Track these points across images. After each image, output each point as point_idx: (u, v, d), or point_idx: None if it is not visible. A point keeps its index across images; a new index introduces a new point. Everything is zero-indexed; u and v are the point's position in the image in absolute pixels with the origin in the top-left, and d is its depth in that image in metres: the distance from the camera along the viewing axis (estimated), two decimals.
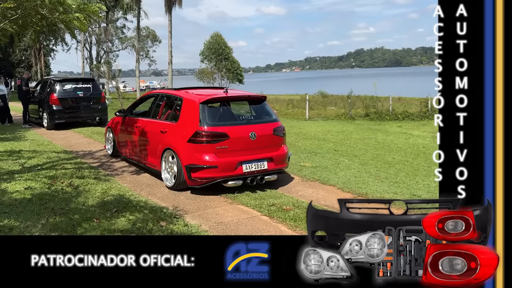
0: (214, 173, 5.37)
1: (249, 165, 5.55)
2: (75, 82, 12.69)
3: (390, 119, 14.88)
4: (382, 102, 16.23)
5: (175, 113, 6.12)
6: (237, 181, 5.47)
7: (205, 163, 5.34)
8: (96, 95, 12.69)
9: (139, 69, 32.06)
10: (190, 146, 5.43)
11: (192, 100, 5.76)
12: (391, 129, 12.18)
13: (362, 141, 9.91)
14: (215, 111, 5.81)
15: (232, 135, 5.47)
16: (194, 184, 5.47)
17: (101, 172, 6.63)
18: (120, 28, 43.45)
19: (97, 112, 12.73)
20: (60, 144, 9.51)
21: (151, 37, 44.30)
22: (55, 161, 7.47)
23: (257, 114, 6.13)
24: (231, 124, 5.68)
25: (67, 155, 8.18)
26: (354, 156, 8.07)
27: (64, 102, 12.02)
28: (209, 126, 5.43)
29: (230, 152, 5.44)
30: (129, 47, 44.25)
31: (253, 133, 5.57)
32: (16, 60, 44.20)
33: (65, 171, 6.55)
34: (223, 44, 38.07)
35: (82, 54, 35.75)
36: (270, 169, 5.73)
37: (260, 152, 5.67)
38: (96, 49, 41.62)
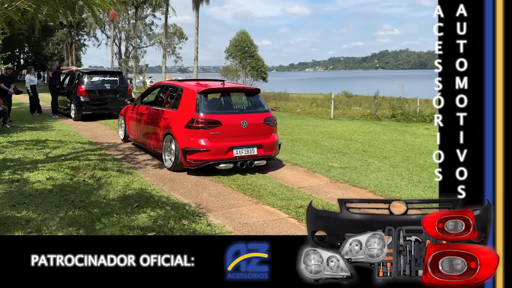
0: (207, 156, 5.99)
1: (240, 150, 6.14)
2: (102, 74, 12.92)
3: (417, 121, 14.48)
4: (410, 103, 15.84)
5: (176, 102, 6.65)
6: (228, 164, 6.07)
7: (199, 146, 5.98)
8: (123, 88, 12.87)
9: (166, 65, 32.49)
10: (187, 131, 6.07)
11: (191, 90, 6.39)
12: (419, 131, 11.82)
13: (391, 143, 9.53)
14: (211, 101, 6.41)
15: (224, 123, 6.09)
16: (189, 165, 6.09)
17: (124, 164, 6.67)
18: (149, 25, 44.29)
19: (123, 104, 12.28)
20: (86, 135, 9.63)
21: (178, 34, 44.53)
22: (79, 152, 7.56)
23: (251, 104, 6.65)
24: (224, 113, 6.25)
25: (91, 146, 8.28)
26: (384, 157, 7.73)
27: (92, 94, 12.24)
28: (204, 114, 6.07)
29: (222, 138, 6.05)
30: (157, 43, 44.75)
31: (244, 122, 6.18)
32: (49, 54, 45.16)
33: (88, 162, 6.62)
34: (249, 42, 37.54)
35: (111, 49, 36.97)
36: (259, 155, 6.30)
37: (250, 139, 6.23)
38: (125, 45, 42.48)
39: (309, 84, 73.62)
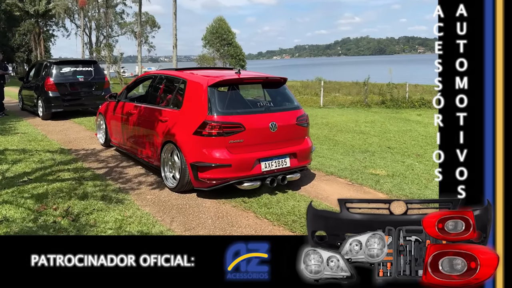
0: (227, 173, 4.47)
1: (269, 162, 4.67)
2: (74, 64, 11.01)
3: (407, 106, 14.48)
4: (399, 89, 15.75)
5: (177, 98, 5.15)
6: (254, 182, 4.61)
7: (216, 160, 4.43)
8: (99, 79, 11.12)
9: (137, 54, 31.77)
10: (197, 140, 4.51)
11: (198, 82, 4.80)
12: (415, 118, 11.59)
13: (406, 134, 8.80)
14: (226, 97, 4.80)
15: (248, 126, 4.53)
16: (201, 186, 4.61)
17: (110, 185, 5.03)
18: (119, 14, 43.23)
19: (100, 99, 10.64)
20: (57, 140, 7.91)
21: (150, 23, 43.71)
22: (48, 167, 5.79)
23: (276, 99, 5.08)
24: (247, 113, 4.69)
25: (64, 156, 6.53)
26: (418, 155, 6.85)
27: (62, 88, 10.46)
28: (220, 115, 4.50)
29: (246, 147, 4.54)
30: (129, 32, 44.12)
31: (273, 123, 4.66)
32: (16, 45, 43.25)
33: (60, 185, 4.91)
34: (227, 29, 36.72)
35: (82, 39, 35.79)
36: (293, 166, 4.86)
37: (281, 146, 4.79)
38: (95, 35, 41.57)
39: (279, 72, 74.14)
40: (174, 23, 20.68)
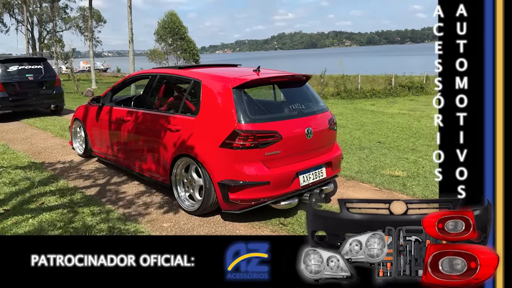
0: (263, 192, 3.80)
1: (307, 175, 4.06)
2: (21, 62, 10.44)
3: (359, 97, 15.32)
4: (352, 81, 16.52)
5: (190, 102, 4.49)
6: (291, 200, 3.98)
7: (251, 178, 3.75)
8: (49, 78, 10.62)
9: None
10: (225, 154, 3.79)
11: (220, 84, 4.08)
12: (370, 108, 12.21)
13: (383, 126, 8.93)
14: (255, 100, 4.23)
15: (284, 134, 3.87)
16: (231, 208, 3.90)
17: (111, 211, 4.22)
18: (63, 8, 41.46)
19: (51, 98, 10.65)
20: (23, 151, 6.77)
21: (96, 18, 41.91)
22: (25, 190, 4.74)
23: (303, 101, 4.41)
24: (281, 118, 4.03)
25: (39, 172, 5.47)
26: (413, 150, 6.79)
27: (9, 88, 9.87)
28: (252, 123, 3.78)
29: (284, 159, 3.90)
30: (73, 27, 42.63)
31: (309, 129, 4.05)
32: None
33: (50, 216, 4.01)
34: (179, 23, 36.00)
35: (26, 35, 33.12)
36: (328, 177, 4.32)
37: (316, 154, 4.22)
38: (38, 30, 39.12)
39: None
40: (130, 17, 19.16)
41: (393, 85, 16.35)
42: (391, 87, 16.29)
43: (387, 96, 15.55)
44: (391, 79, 16.61)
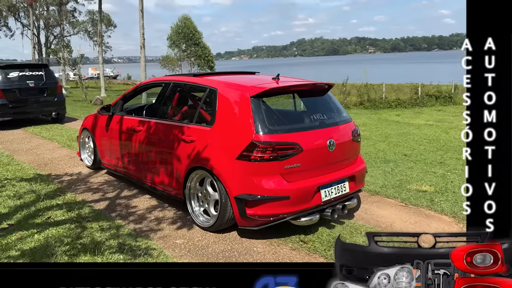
0: (283, 208, 3.66)
1: (329, 190, 3.91)
2: (22, 68, 10.33)
3: (384, 107, 14.79)
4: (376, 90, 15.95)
5: (205, 111, 4.37)
6: (312, 216, 3.83)
7: (270, 192, 3.62)
8: (51, 84, 10.51)
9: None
10: (243, 166, 3.65)
11: (237, 92, 3.94)
12: (395, 118, 11.76)
13: (409, 138, 8.69)
14: (274, 109, 4.10)
15: (305, 146, 3.73)
16: (248, 224, 3.75)
17: (121, 226, 4.10)
18: (71, 12, 39.37)
19: (52, 105, 10.53)
20: (28, 162, 6.61)
21: (105, 22, 39.95)
22: (30, 204, 4.62)
23: (324, 111, 4.25)
24: (302, 129, 3.89)
25: (45, 185, 5.34)
26: (440, 163, 6.60)
27: (9, 95, 9.76)
28: (271, 133, 3.65)
29: (304, 173, 3.76)
30: (82, 32, 40.90)
31: (331, 141, 3.92)
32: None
33: (56, 232, 3.91)
34: (193, 28, 34.42)
35: (32, 39, 31.66)
36: (351, 191, 4.17)
37: (339, 168, 4.07)
38: (45, 34, 37.15)
39: None
40: (141, 21, 18.13)
41: (419, 94, 15.73)
42: (417, 96, 15.68)
43: (413, 106, 15.02)
44: (417, 88, 15.98)
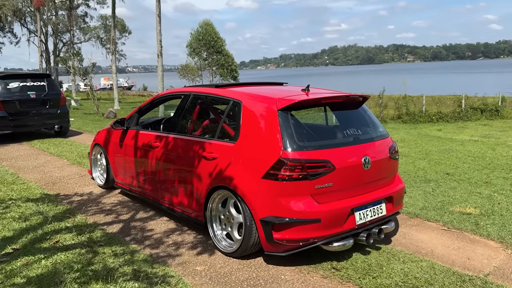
0: (313, 232, 3.32)
1: (364, 212, 3.57)
2: (23, 79, 9.89)
3: (424, 121, 13.83)
4: (415, 102, 14.95)
5: (228, 126, 4.07)
6: (346, 241, 3.45)
7: (299, 214, 3.28)
8: (53, 95, 10.11)
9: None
10: (269, 186, 3.32)
11: (263, 104, 3.63)
12: (437, 134, 10.99)
13: (452, 155, 8.04)
14: (303, 124, 3.76)
15: (338, 164, 3.40)
16: (276, 250, 3.41)
17: (137, 251, 3.73)
18: (82, 17, 36.63)
19: (55, 118, 10.10)
20: (35, 180, 6.23)
21: (119, 28, 37.31)
22: (37, 226, 4.29)
23: (359, 126, 3.91)
24: (334, 145, 3.53)
25: (54, 206, 4.99)
26: (486, 183, 6.05)
27: (9, 106, 9.40)
28: (300, 150, 3.33)
29: (337, 193, 3.43)
30: (93, 38, 38.29)
31: (366, 159, 3.59)
32: None
33: (66, 257, 3.55)
34: (215, 34, 31.95)
35: (39, 47, 28.08)
36: (388, 214, 3.81)
37: (375, 188, 3.73)
38: (53, 41, 34.02)
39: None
40: (158, 27, 16.72)
41: (463, 107, 14.60)
42: (460, 109, 14.57)
43: (456, 120, 14.00)
44: (460, 100, 14.83)
